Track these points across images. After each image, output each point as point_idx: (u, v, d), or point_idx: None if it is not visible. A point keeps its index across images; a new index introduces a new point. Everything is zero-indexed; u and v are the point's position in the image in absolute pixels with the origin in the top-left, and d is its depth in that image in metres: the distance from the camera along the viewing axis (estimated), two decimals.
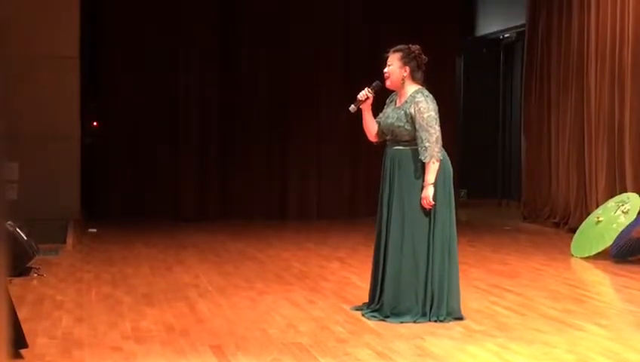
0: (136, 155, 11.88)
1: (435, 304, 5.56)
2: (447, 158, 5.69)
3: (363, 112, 5.82)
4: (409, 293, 5.57)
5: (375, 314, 5.66)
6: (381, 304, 5.66)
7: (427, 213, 5.56)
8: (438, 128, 5.55)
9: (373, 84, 5.77)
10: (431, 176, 5.51)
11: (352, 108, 5.79)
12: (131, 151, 11.88)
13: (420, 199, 5.54)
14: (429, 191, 5.50)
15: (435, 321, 5.52)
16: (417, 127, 5.54)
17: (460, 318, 5.61)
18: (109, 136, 11.91)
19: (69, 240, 9.23)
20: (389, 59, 5.72)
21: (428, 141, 5.50)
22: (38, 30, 10.22)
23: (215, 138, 12.16)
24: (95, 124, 11.99)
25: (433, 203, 5.51)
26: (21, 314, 5.22)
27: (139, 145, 11.89)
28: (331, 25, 12.41)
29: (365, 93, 5.74)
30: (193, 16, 12.02)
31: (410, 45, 5.73)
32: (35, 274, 7.23)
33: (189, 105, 12.07)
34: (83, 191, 10.88)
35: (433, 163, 5.51)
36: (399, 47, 5.74)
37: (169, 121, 12.01)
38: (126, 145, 11.86)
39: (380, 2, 12.53)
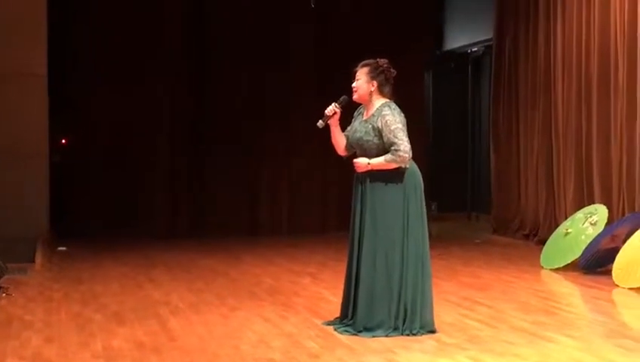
0: (105, 172, 11.78)
1: (409, 318, 5.57)
2: (419, 172, 5.72)
3: (331, 127, 5.85)
4: (382, 308, 5.57)
5: (348, 329, 5.66)
6: (354, 319, 5.66)
7: (399, 228, 5.57)
8: (406, 139, 5.56)
9: (340, 99, 5.81)
10: (378, 161, 5.56)
11: (320, 123, 5.82)
12: (100, 169, 11.78)
13: (394, 217, 5.55)
14: (362, 160, 5.62)
15: (408, 335, 5.52)
16: (385, 140, 5.57)
17: (433, 331, 5.62)
18: (78, 153, 11.80)
19: (38, 259, 9.14)
20: (357, 74, 5.76)
21: (398, 149, 5.52)
22: (6, 47, 10.16)
23: (186, 155, 12.10)
24: (64, 141, 11.90)
25: (359, 163, 5.63)
26: None
27: (108, 162, 11.80)
28: (302, 39, 12.43)
29: (333, 109, 5.78)
30: (163, 30, 11.98)
31: (379, 59, 5.77)
32: (4, 294, 7.15)
33: (158, 121, 12.01)
34: (52, 209, 10.80)
35: (391, 161, 5.53)
36: (367, 61, 5.77)
37: (139, 138, 11.93)
38: (95, 163, 11.77)
39: (350, 17, 12.58)
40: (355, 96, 5.77)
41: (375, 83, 5.71)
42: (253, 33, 12.25)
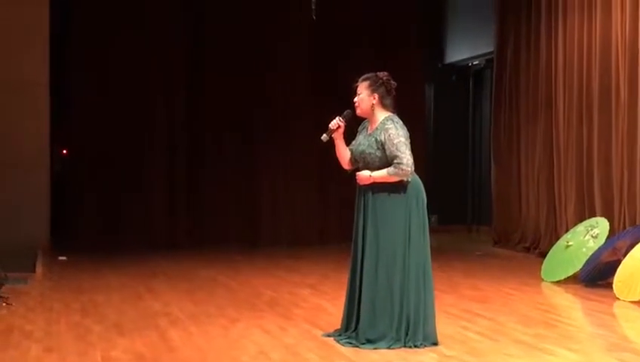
0: (106, 183, 11.80)
1: (411, 329, 5.57)
2: (421, 185, 5.73)
3: (335, 141, 5.87)
4: (383, 319, 5.57)
5: (351, 340, 5.66)
6: (357, 331, 5.67)
7: (401, 241, 5.58)
8: (409, 153, 5.59)
9: (345, 113, 5.83)
10: (380, 174, 5.58)
11: (324, 137, 5.84)
12: (101, 179, 11.79)
13: (396, 228, 5.56)
14: (365, 173, 5.64)
15: (411, 347, 5.52)
16: (388, 153, 5.59)
17: (436, 343, 5.62)
18: (79, 163, 11.82)
19: (39, 268, 9.14)
20: (358, 88, 5.79)
21: (400, 162, 5.54)
22: (7, 56, 10.19)
23: (185, 165, 12.12)
24: (65, 151, 11.91)
25: (361, 176, 5.66)
26: None
27: (108, 172, 11.81)
28: (300, 50, 12.45)
29: (337, 123, 5.80)
30: (161, 40, 12.01)
31: (378, 73, 5.80)
32: (4, 304, 7.14)
33: (158, 132, 12.02)
34: (53, 219, 10.79)
35: (393, 174, 5.54)
36: (367, 75, 5.80)
37: (139, 148, 11.95)
38: (95, 173, 11.78)
39: (350, 28, 12.61)
40: (357, 111, 5.80)
41: (376, 96, 5.73)
42: (251, 42, 12.27)
